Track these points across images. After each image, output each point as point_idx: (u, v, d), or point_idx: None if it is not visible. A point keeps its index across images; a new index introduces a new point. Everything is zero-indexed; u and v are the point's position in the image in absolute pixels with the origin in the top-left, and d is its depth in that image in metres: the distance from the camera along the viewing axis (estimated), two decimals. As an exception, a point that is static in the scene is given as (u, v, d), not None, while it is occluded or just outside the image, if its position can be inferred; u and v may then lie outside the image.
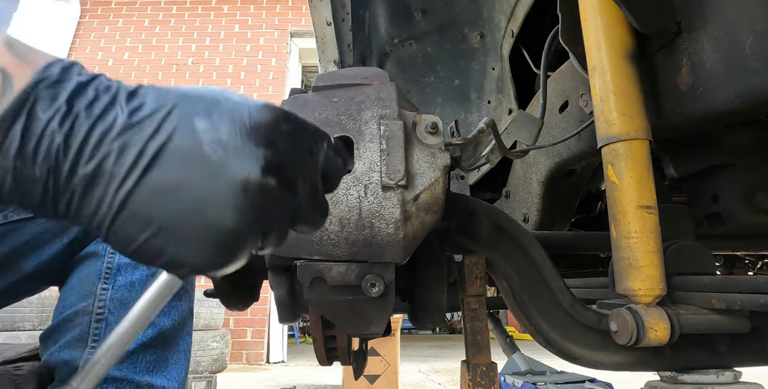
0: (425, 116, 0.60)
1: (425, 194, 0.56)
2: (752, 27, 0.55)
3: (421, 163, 0.57)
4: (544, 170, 1.03)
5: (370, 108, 0.59)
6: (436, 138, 0.59)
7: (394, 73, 1.54)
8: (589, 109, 0.83)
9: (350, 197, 0.54)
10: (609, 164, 0.65)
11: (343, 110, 0.59)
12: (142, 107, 0.33)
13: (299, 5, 6.34)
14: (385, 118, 0.58)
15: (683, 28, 0.65)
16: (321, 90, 0.63)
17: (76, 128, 0.31)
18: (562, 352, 0.70)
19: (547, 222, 1.12)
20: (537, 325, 0.70)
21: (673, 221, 0.75)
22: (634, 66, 0.66)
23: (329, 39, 1.66)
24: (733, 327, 0.63)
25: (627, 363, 0.69)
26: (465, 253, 0.74)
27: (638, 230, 0.62)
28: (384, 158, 0.55)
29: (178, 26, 6.31)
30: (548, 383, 2.09)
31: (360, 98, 0.60)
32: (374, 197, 0.54)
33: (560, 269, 0.74)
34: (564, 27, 0.78)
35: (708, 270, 0.69)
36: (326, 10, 1.55)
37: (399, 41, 1.47)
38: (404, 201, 0.54)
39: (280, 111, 0.37)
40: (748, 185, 0.84)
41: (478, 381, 0.72)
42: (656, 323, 0.60)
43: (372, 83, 0.62)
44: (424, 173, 0.57)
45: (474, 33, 1.30)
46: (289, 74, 6.23)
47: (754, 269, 1.63)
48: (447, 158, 0.58)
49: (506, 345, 2.18)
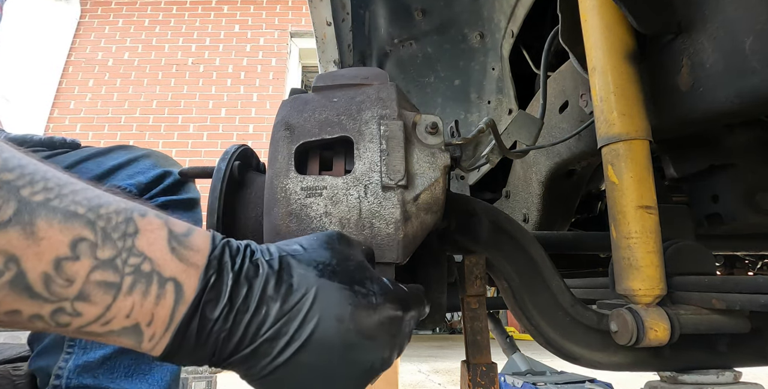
0: (425, 116, 0.60)
1: (425, 194, 0.56)
2: (752, 27, 0.55)
3: (421, 163, 0.57)
4: (544, 170, 1.03)
5: (370, 108, 0.59)
6: (436, 138, 0.59)
7: (394, 73, 1.54)
8: (589, 109, 0.83)
9: (350, 197, 0.54)
10: (609, 164, 0.65)
11: (343, 110, 0.59)
12: (289, 294, 0.40)
13: (299, 5, 6.34)
14: (385, 118, 0.57)
15: (683, 28, 0.65)
16: (321, 90, 0.63)
17: (236, 323, 0.38)
18: (562, 352, 0.70)
19: (547, 222, 1.12)
20: (537, 325, 0.70)
21: (673, 221, 0.75)
22: (634, 66, 0.66)
23: (329, 39, 1.66)
24: (733, 327, 0.63)
25: (627, 364, 0.68)
26: (465, 253, 0.74)
27: (638, 231, 0.62)
28: (384, 158, 0.55)
29: (178, 26, 6.31)
30: (548, 383, 2.09)
31: (360, 98, 0.60)
32: (374, 197, 0.54)
33: (560, 269, 0.74)
34: (564, 27, 0.78)
35: (708, 270, 0.69)
36: (326, 10, 1.55)
37: (399, 41, 1.47)
38: (404, 201, 0.54)
39: (399, 303, 0.44)
40: (748, 186, 0.84)
41: (478, 381, 0.72)
42: (656, 323, 0.60)
43: (372, 83, 0.62)
44: (424, 173, 0.57)
45: (474, 33, 1.30)
46: (289, 74, 6.23)
47: (754, 269, 1.63)
48: (447, 158, 0.58)
49: (506, 345, 2.18)
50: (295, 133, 0.58)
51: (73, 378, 0.79)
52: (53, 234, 0.33)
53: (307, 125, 0.59)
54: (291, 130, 0.58)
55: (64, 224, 0.34)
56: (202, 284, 0.38)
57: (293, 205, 0.55)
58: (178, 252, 0.39)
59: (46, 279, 0.33)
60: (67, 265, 0.33)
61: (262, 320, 0.39)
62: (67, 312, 0.34)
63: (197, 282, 0.38)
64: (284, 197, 0.55)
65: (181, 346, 0.38)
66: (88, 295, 0.34)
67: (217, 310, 0.38)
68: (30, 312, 0.33)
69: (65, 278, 0.33)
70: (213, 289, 0.38)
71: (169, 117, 5.94)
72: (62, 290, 0.33)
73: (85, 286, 0.34)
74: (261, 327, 0.38)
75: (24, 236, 0.32)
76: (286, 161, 0.56)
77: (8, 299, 0.32)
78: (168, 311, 0.37)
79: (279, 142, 0.58)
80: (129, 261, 0.36)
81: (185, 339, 0.38)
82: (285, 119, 0.59)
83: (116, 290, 0.35)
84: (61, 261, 0.33)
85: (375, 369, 0.41)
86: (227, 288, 0.38)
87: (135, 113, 5.93)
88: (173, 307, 0.37)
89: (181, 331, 0.37)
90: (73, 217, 0.34)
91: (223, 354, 0.39)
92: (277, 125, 0.59)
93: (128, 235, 0.37)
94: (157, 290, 0.37)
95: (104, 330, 0.36)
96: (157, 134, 5.85)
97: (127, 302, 0.35)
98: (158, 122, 5.90)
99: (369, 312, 0.41)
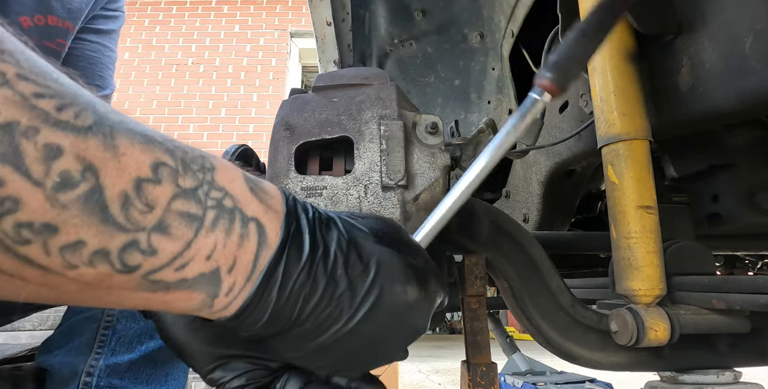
0: (425, 116, 0.60)
1: (425, 194, 0.56)
2: (752, 27, 0.55)
3: (421, 163, 0.57)
4: (544, 170, 1.03)
5: (370, 108, 0.59)
6: (436, 138, 0.59)
7: (394, 73, 1.54)
8: (589, 109, 0.83)
9: (350, 197, 0.54)
10: (609, 164, 0.65)
11: (343, 110, 0.59)
12: (359, 259, 0.38)
13: (299, 5, 6.34)
14: (385, 118, 0.58)
15: (683, 28, 0.65)
16: (321, 90, 0.63)
17: (316, 281, 0.35)
18: (562, 352, 0.70)
19: (547, 222, 1.12)
20: (537, 325, 0.70)
21: (673, 221, 0.75)
22: (634, 66, 0.66)
23: (329, 39, 1.66)
24: (733, 327, 0.63)
25: (627, 364, 0.68)
26: (465, 253, 0.74)
27: (638, 231, 0.62)
28: (384, 158, 0.55)
29: (178, 26, 6.31)
30: (548, 383, 2.09)
31: (360, 98, 0.60)
32: (374, 197, 0.54)
33: (560, 269, 0.74)
34: (564, 27, 0.78)
35: (708, 270, 0.69)
36: (326, 10, 1.55)
37: (399, 41, 1.47)
38: (404, 201, 0.54)
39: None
40: (749, 186, 0.84)
41: (478, 381, 0.72)
42: (656, 323, 0.60)
43: (372, 83, 0.62)
44: (424, 173, 0.57)
45: (474, 33, 1.30)
46: (289, 74, 6.23)
47: (754, 269, 1.63)
48: (447, 158, 0.58)
49: (506, 345, 2.18)
50: (295, 133, 0.58)
51: (103, 378, 0.85)
52: (134, 152, 0.28)
53: (307, 125, 0.59)
54: (291, 130, 0.58)
55: (144, 145, 0.29)
56: (285, 230, 0.35)
57: (293, 205, 0.55)
58: (256, 193, 0.35)
59: (125, 200, 0.27)
60: (148, 187, 0.28)
61: (337, 282, 0.36)
62: (141, 247, 0.28)
63: (280, 227, 0.35)
64: (284, 197, 0.55)
65: (260, 302, 0.33)
66: (168, 226, 0.29)
67: (301, 262, 0.34)
68: (96, 245, 0.27)
69: (145, 202, 0.28)
70: (294, 238, 0.35)
71: (169, 117, 5.94)
72: (140, 217, 0.28)
73: (165, 215, 0.29)
74: (336, 288, 0.36)
75: (104, 147, 0.27)
76: (286, 161, 0.56)
77: (74, 221, 0.26)
78: (251, 255, 0.33)
79: (279, 142, 0.58)
80: (210, 194, 0.32)
81: (266, 292, 0.33)
82: (285, 119, 0.59)
83: (198, 223, 0.30)
84: (141, 182, 0.28)
85: (419, 333, 0.42)
86: (307, 240, 0.36)
87: (135, 113, 5.93)
88: (256, 251, 0.33)
89: (264, 281, 0.33)
90: (152, 141, 0.30)
91: (301, 316, 0.35)
92: (277, 125, 0.59)
93: (206, 169, 0.32)
94: (240, 229, 0.32)
95: (176, 278, 0.30)
96: (157, 134, 5.86)
97: (209, 239, 0.31)
98: (158, 122, 5.89)
99: (420, 280, 0.40)
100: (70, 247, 0.26)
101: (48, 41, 0.96)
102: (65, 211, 0.25)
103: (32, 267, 0.25)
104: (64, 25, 0.98)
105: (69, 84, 0.28)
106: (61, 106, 0.26)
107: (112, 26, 1.18)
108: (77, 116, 0.26)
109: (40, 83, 0.26)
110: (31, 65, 0.26)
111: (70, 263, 0.26)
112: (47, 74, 0.27)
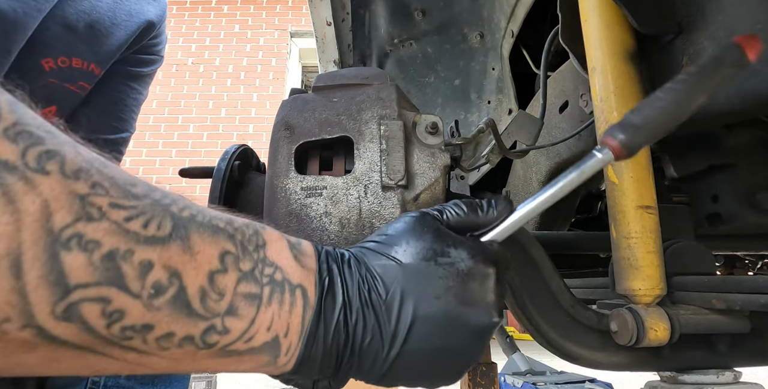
0: (425, 116, 0.60)
1: (425, 194, 0.56)
2: (752, 27, 0.55)
3: (421, 163, 0.57)
4: (544, 170, 1.03)
5: (370, 108, 0.59)
6: (436, 138, 0.59)
7: (394, 73, 1.54)
8: (589, 109, 0.83)
9: (350, 197, 0.54)
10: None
11: (343, 110, 0.59)
12: (377, 286, 0.41)
13: (299, 5, 6.34)
14: (385, 118, 0.58)
15: (683, 28, 0.65)
16: (321, 90, 0.63)
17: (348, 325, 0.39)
18: (562, 352, 0.70)
19: (547, 222, 1.12)
20: (537, 325, 0.70)
21: (673, 221, 0.75)
22: (634, 66, 0.66)
23: (329, 39, 1.66)
24: (733, 327, 0.63)
25: (627, 364, 0.68)
26: (465, 253, 0.74)
27: (638, 230, 0.62)
28: (384, 158, 0.55)
29: (177, 26, 6.30)
30: (548, 383, 2.09)
31: (360, 98, 0.60)
32: (374, 197, 0.54)
33: (560, 269, 0.74)
34: (564, 27, 0.78)
35: (708, 270, 0.69)
36: (326, 10, 1.55)
37: (399, 41, 1.47)
38: (404, 201, 0.54)
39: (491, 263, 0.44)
40: (749, 185, 0.84)
41: (478, 381, 0.72)
42: (656, 323, 0.60)
43: (372, 83, 0.62)
44: (424, 173, 0.57)
45: (474, 33, 1.30)
46: (289, 74, 6.22)
47: (754, 269, 1.63)
48: (447, 158, 0.58)
49: (506, 345, 2.18)
50: (295, 133, 0.58)
51: (111, 377, 0.85)
52: (205, 248, 0.33)
53: (307, 124, 0.59)
54: (291, 130, 0.58)
55: (212, 238, 0.34)
56: (320, 287, 0.39)
57: (293, 205, 0.55)
58: (299, 260, 0.40)
59: (203, 294, 0.33)
60: (218, 278, 0.34)
61: (364, 316, 0.40)
62: (218, 329, 0.34)
63: (315, 286, 0.39)
64: (284, 197, 0.55)
65: (311, 355, 0.38)
66: (236, 308, 0.34)
67: (335, 313, 0.39)
68: (183, 334, 0.32)
69: (218, 291, 0.33)
70: (329, 292, 0.40)
71: (169, 117, 5.94)
72: (215, 305, 0.33)
73: (234, 299, 0.34)
74: (366, 324, 0.39)
75: (182, 250, 0.32)
76: (286, 161, 0.56)
77: (166, 319, 0.31)
78: (299, 319, 0.38)
79: (279, 142, 0.58)
80: (265, 272, 0.37)
81: (315, 345, 0.38)
82: (285, 119, 0.59)
83: (258, 301, 0.36)
84: (213, 275, 0.33)
85: (487, 330, 0.42)
86: (341, 290, 0.40)
87: (135, 112, 5.92)
88: (302, 313, 0.38)
89: (311, 337, 0.38)
90: (218, 231, 0.35)
91: (345, 352, 0.39)
92: (277, 125, 0.59)
93: (260, 246, 0.37)
94: (290, 298, 0.38)
95: (245, 348, 0.35)
96: (157, 134, 5.85)
97: (267, 313, 0.36)
98: (158, 122, 5.89)
99: (461, 279, 0.41)
100: (163, 337, 0.31)
101: (70, 84, 0.91)
102: (159, 312, 0.31)
103: (133, 352, 0.31)
104: (89, 68, 0.92)
105: (144, 191, 0.32)
106: (146, 222, 0.31)
107: (145, 69, 1.08)
108: (159, 228, 0.31)
109: (126, 206, 0.30)
110: (112, 184, 0.30)
111: (163, 348, 0.32)
112: (125, 188, 0.31)
